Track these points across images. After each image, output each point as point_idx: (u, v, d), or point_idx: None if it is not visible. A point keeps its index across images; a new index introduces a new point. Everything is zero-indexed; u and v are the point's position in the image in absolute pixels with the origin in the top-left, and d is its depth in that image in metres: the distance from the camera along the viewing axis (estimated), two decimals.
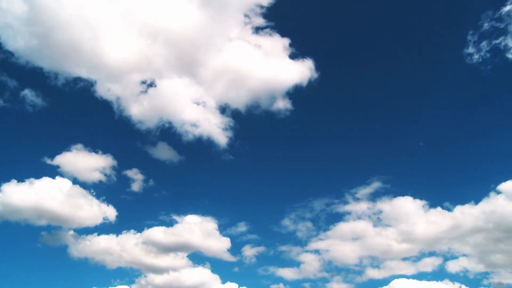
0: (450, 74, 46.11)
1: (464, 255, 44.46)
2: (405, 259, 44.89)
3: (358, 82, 49.45)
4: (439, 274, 43.55)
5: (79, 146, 43.00)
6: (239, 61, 44.36)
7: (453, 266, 44.23)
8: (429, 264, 44.70)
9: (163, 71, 43.47)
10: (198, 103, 45.14)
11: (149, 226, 44.41)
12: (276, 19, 44.86)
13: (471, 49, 42.96)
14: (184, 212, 45.68)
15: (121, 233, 43.34)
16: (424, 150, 47.30)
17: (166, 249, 43.18)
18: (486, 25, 42.48)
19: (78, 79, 41.86)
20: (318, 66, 45.29)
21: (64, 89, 42.16)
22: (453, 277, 43.08)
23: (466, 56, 43.54)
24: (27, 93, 41.43)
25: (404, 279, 43.29)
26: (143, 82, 43.32)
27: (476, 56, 42.61)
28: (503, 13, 41.62)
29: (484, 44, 42.75)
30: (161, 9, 41.10)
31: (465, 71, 44.48)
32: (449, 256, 44.46)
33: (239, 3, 43.38)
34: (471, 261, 44.18)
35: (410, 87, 48.44)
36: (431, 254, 44.80)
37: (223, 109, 45.75)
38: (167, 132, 45.23)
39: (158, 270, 42.93)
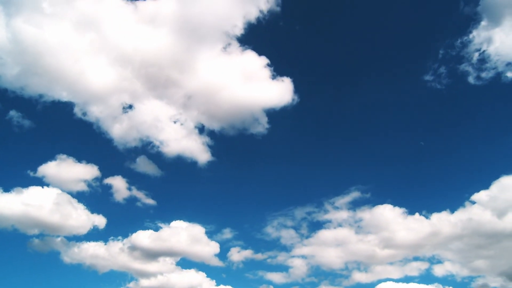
0: (417, 94, 49.23)
1: (448, 260, 45.49)
2: (390, 263, 45.94)
3: (333, 99, 51.73)
4: (426, 278, 44.54)
5: (63, 156, 43.88)
6: (215, 81, 45.61)
7: (439, 270, 45.18)
8: (414, 268, 45.64)
9: (141, 93, 45.12)
10: (175, 122, 46.82)
11: (137, 233, 44.96)
12: (253, 40, 46.18)
13: (441, 69, 45.92)
14: (170, 219, 46.51)
15: (110, 240, 44.24)
16: (400, 161, 49.87)
17: (155, 254, 44.14)
18: (445, 52, 45.90)
19: (60, 102, 43.64)
20: (295, 84, 46.82)
21: (47, 111, 44.08)
22: (441, 281, 44.09)
23: (435, 77, 46.40)
24: (13, 114, 43.11)
25: (392, 283, 44.29)
26: (123, 105, 45.16)
27: (443, 81, 45.64)
28: (463, 41, 44.56)
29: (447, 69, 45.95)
30: (137, 34, 42.86)
31: (431, 92, 47.42)
32: (434, 261, 45.45)
33: (215, 25, 44.51)
34: (455, 266, 45.15)
35: (384, 104, 50.69)
36: (416, 259, 45.92)
37: (201, 128, 47.36)
38: (148, 151, 46.65)
39: (148, 275, 43.79)
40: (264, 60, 46.10)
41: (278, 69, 46.22)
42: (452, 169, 47.73)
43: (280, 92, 46.59)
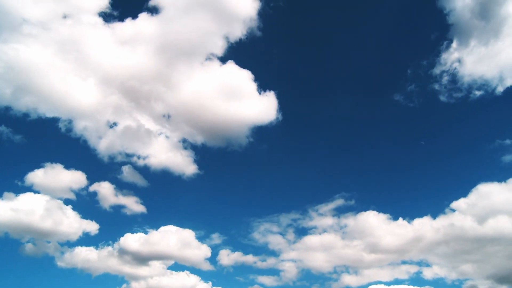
0: (396, 109, 51.00)
1: (436, 264, 46.23)
2: (379, 267, 46.62)
3: (316, 112, 53.57)
4: (416, 281, 45.28)
5: (52, 164, 44.66)
6: (198, 97, 46.57)
7: (428, 274, 45.86)
8: (404, 271, 46.36)
9: (125, 109, 46.18)
10: (160, 136, 48.22)
11: (128, 238, 45.59)
12: (235, 56, 47.18)
13: (413, 87, 48.66)
14: (159, 224, 47.17)
15: (102, 245, 45.09)
16: (382, 170, 51.79)
17: (146, 258, 44.88)
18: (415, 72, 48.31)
19: (49, 119, 44.82)
20: (279, 99, 48.10)
21: (35, 127, 45.26)
22: (431, 283, 45.06)
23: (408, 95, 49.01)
24: (3, 129, 44.24)
25: (383, 286, 44.98)
26: (108, 120, 46.37)
27: (415, 100, 48.34)
28: (433, 61, 46.81)
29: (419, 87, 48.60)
30: (118, 53, 44.30)
31: (407, 109, 49.69)
32: (422, 265, 46.14)
33: (196, 42, 45.57)
34: (443, 269, 45.84)
35: (365, 118, 52.91)
36: (404, 262, 46.60)
37: (185, 143, 48.50)
38: (134, 164, 47.50)
39: (140, 278, 44.42)
40: (246, 75, 47.28)
41: (261, 84, 47.52)
42: (432, 178, 49.75)
43: (263, 106, 47.90)
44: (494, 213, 41.54)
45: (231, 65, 47.16)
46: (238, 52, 47.38)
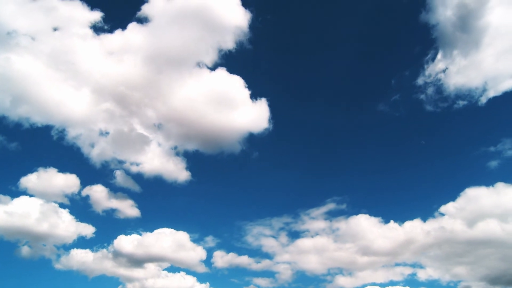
0: (384, 117, 52.27)
1: (429, 266, 46.57)
2: (373, 269, 47.02)
3: (307, 119, 54.52)
4: (411, 283, 45.88)
5: (46, 168, 45.13)
6: (191, 104, 46.89)
7: (422, 276, 46.28)
8: (398, 273, 46.76)
9: (117, 117, 46.54)
10: (152, 144, 48.52)
11: (123, 240, 45.92)
12: (226, 64, 47.66)
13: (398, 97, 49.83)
14: (154, 227, 47.59)
15: (98, 248, 45.57)
16: (372, 174, 53.09)
17: (142, 260, 45.35)
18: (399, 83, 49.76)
19: (43, 127, 45.43)
20: (271, 107, 48.88)
21: (28, 135, 45.80)
22: (426, 285, 45.67)
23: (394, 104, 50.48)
24: None
25: (377, 287, 45.40)
26: (100, 128, 46.70)
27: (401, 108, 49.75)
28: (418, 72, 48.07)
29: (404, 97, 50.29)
30: (109, 63, 44.91)
31: (393, 117, 51.33)
32: (416, 267, 46.51)
33: (187, 52, 45.89)
34: (437, 271, 46.19)
35: (355, 124, 54.26)
36: (398, 265, 47.00)
37: (178, 150, 49.10)
38: (126, 170, 48.02)
39: (135, 280, 44.84)
40: (238, 83, 47.75)
41: (253, 91, 48.15)
42: (421, 183, 50.98)
43: (255, 113, 48.44)
44: (483, 216, 42.14)
45: (222, 72, 47.69)
46: (229, 60, 48.20)
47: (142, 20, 45.36)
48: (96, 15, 45.22)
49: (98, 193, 46.24)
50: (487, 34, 43.74)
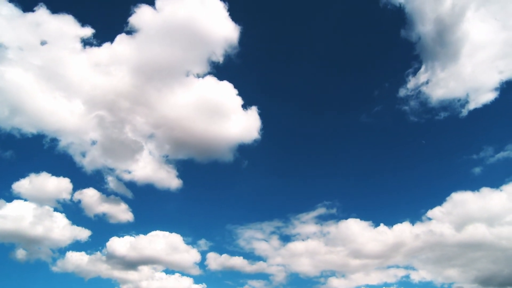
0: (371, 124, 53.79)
1: (422, 269, 46.96)
2: (366, 271, 47.54)
3: (297, 127, 56.48)
4: (404, 285, 46.52)
5: (40, 173, 45.60)
6: (182, 114, 47.49)
7: (415, 278, 46.64)
8: (391, 275, 47.31)
9: (108, 127, 46.87)
10: (144, 153, 48.98)
11: (117, 243, 46.51)
12: (216, 74, 48.28)
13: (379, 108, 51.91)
14: (148, 230, 48.12)
15: (93, 250, 46.04)
16: (361, 180, 53.95)
17: (136, 263, 45.89)
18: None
19: (35, 136, 45.75)
20: (261, 113, 49.82)
21: (20, 143, 46.05)
22: (420, 287, 46.07)
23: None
24: None
25: None
26: (91, 137, 47.15)
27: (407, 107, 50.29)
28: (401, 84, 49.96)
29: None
30: (99, 74, 45.30)
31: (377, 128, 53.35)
32: (409, 269, 46.95)
33: (177, 62, 46.51)
34: (429, 274, 46.64)
35: (343, 131, 55.75)
36: (390, 267, 47.54)
37: (169, 158, 49.74)
38: (118, 177, 48.77)
39: (132, 282, 45.47)
40: (229, 92, 48.39)
41: (244, 100, 48.84)
42: (409, 188, 52.01)
43: (246, 121, 49.41)
44: (471, 220, 42.95)
45: (212, 82, 48.27)
46: (219, 70, 48.96)
47: (131, 32, 45.83)
48: (87, 31, 46.09)
49: (91, 197, 46.85)
50: (466, 47, 45.77)
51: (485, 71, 45.87)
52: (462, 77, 46.50)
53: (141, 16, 45.57)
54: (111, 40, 46.36)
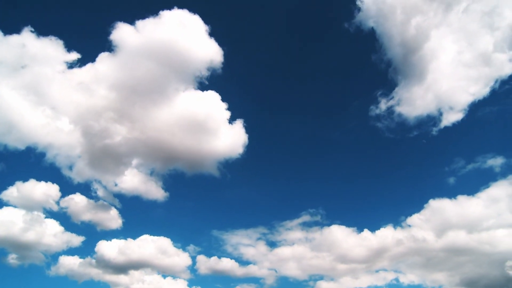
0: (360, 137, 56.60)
1: (408, 273, 47.87)
2: (353, 275, 48.24)
3: (281, 137, 58.68)
4: (394, 287, 47.32)
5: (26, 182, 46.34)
6: (168, 129, 48.34)
7: (403, 281, 47.48)
8: (380, 278, 48.12)
9: (95, 141, 47.34)
10: (130, 167, 50.09)
11: (110, 248, 47.17)
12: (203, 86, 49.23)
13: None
14: (139, 234, 48.86)
15: (85, 255, 47.01)
16: (343, 188, 56.08)
17: (127, 267, 46.64)
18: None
19: (23, 151, 46.65)
20: (247, 126, 51.10)
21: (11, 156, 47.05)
22: None
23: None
24: None
25: None
26: (77, 152, 47.97)
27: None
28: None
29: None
30: (84, 92, 46.17)
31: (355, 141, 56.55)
32: (398, 272, 47.91)
33: (161, 79, 47.24)
34: (416, 278, 47.41)
35: (323, 143, 58.23)
36: (378, 271, 48.43)
37: (153, 171, 50.99)
38: (107, 188, 49.82)
39: (123, 285, 46.33)
40: (214, 107, 49.19)
41: (229, 115, 49.76)
42: (390, 196, 53.66)
43: (232, 134, 50.39)
44: (451, 227, 44.28)
45: (196, 98, 49.18)
46: (203, 86, 49.93)
47: (113, 50, 46.38)
48: (72, 55, 47.23)
49: (80, 203, 47.55)
50: (432, 68, 48.74)
51: (452, 90, 48.73)
52: (430, 96, 49.53)
53: (124, 35, 46.37)
54: (94, 58, 47.38)
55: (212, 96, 49.21)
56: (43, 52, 45.64)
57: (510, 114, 48.00)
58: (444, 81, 48.88)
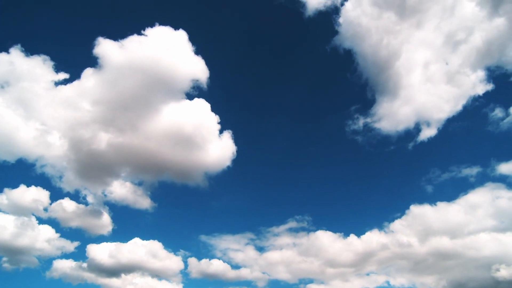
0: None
1: (399, 276, 48.53)
2: (343, 279, 48.89)
3: (267, 149, 60.44)
4: None
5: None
6: (155, 140, 48.78)
7: (393, 284, 48.21)
8: (370, 282, 48.83)
9: (82, 155, 47.83)
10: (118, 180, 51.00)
11: (98, 251, 47.72)
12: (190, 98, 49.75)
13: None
14: (129, 238, 49.51)
15: (78, 259, 47.49)
16: (327, 196, 57.26)
17: (118, 270, 47.25)
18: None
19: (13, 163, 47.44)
20: (235, 138, 52.15)
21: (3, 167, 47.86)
22: None
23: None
24: None
25: None
26: (65, 166, 48.52)
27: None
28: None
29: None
30: (72, 107, 46.89)
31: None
32: (388, 275, 48.60)
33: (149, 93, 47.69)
34: (406, 281, 48.08)
35: (305, 155, 59.92)
36: (368, 274, 49.15)
37: (141, 182, 51.86)
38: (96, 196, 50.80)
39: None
40: (201, 119, 49.75)
41: (218, 129, 50.55)
42: (374, 204, 55.48)
43: (220, 145, 51.26)
44: (434, 233, 45.42)
45: (183, 111, 49.64)
46: (190, 98, 50.50)
47: (99, 65, 46.96)
48: (61, 75, 48.22)
49: (70, 208, 48.09)
50: (405, 86, 51.52)
51: (425, 107, 51.06)
52: (405, 113, 51.84)
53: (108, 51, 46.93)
54: (80, 74, 48.11)
55: (199, 108, 50.11)
56: (31, 70, 47.02)
57: (479, 129, 52.11)
58: (418, 98, 51.53)
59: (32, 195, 46.07)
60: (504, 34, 46.11)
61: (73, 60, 51.82)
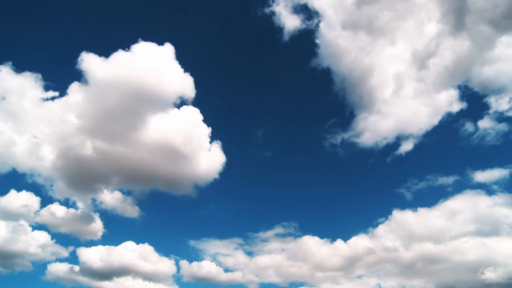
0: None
1: (389, 280, 48.97)
2: (333, 281, 49.42)
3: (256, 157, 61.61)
4: None
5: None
6: (144, 153, 49.68)
7: (385, 286, 48.70)
8: (360, 284, 49.28)
9: (71, 166, 48.59)
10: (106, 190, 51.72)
11: (90, 255, 48.48)
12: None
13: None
14: (121, 242, 50.13)
15: (71, 262, 48.26)
16: (313, 203, 58.91)
17: (111, 274, 47.90)
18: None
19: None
20: (224, 148, 53.88)
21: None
22: None
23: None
24: None
25: None
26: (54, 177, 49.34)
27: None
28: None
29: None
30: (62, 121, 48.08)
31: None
32: (378, 278, 49.04)
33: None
34: (396, 283, 48.54)
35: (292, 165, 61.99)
36: (360, 276, 49.60)
37: (130, 192, 52.88)
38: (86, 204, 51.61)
39: None
40: (191, 131, 50.84)
41: (207, 140, 51.84)
42: (358, 209, 57.19)
43: (210, 154, 52.50)
44: (418, 239, 46.14)
45: (172, 123, 50.64)
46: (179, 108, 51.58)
47: (84, 80, 48.14)
48: (50, 93, 49.80)
49: (60, 213, 48.73)
50: (380, 102, 54.04)
51: (402, 121, 53.81)
52: (383, 127, 54.23)
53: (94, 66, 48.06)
54: (66, 89, 49.49)
55: (187, 120, 51.19)
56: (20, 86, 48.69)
57: (452, 142, 55.24)
58: (395, 114, 54.04)
59: (23, 201, 46.80)
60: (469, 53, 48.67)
61: (62, 76, 54.48)
